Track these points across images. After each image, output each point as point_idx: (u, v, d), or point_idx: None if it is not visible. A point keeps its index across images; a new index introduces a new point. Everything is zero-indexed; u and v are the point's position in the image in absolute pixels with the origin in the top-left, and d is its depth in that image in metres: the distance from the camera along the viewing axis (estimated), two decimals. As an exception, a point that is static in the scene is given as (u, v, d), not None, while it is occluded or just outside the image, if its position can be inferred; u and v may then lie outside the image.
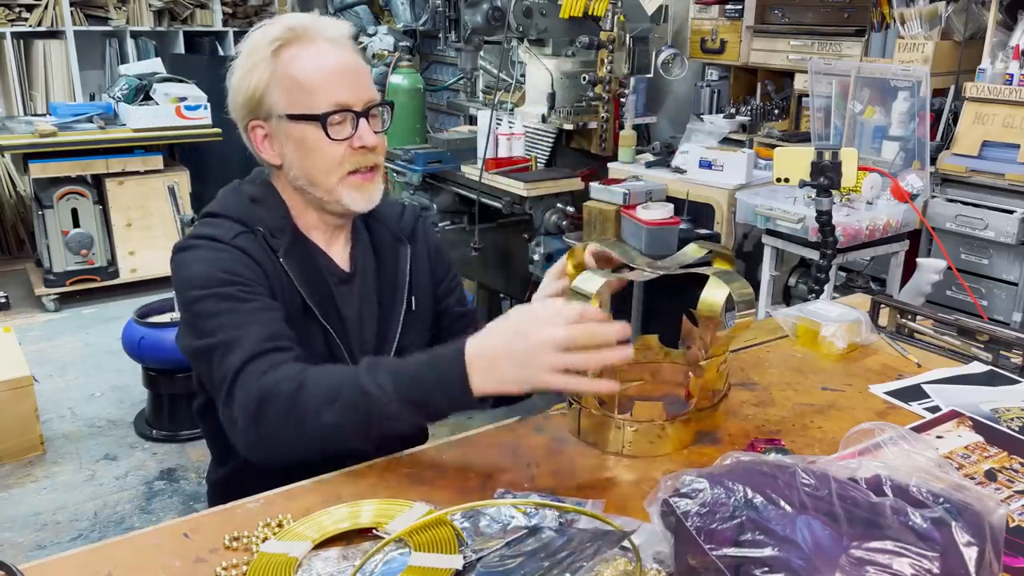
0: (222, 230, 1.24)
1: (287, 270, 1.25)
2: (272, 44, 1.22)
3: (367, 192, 1.28)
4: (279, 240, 1.26)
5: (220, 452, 1.40)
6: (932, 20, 2.95)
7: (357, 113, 1.23)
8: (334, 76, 1.22)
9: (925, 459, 0.88)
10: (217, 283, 1.17)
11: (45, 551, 2.45)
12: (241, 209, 1.28)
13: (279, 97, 1.22)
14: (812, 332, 1.48)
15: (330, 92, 1.21)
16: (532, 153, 3.32)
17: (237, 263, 1.20)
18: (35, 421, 2.96)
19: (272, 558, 0.90)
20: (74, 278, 4.32)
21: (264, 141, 1.27)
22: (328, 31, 1.25)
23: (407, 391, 1.03)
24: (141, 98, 4.38)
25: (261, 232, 1.25)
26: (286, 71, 1.22)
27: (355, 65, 1.26)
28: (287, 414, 1.06)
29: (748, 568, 0.73)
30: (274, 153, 1.27)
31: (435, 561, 0.87)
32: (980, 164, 2.71)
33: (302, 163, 1.25)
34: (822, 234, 2.21)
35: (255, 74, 1.23)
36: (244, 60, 1.25)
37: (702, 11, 3.78)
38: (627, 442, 1.12)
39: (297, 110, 1.22)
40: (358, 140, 1.24)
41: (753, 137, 3.52)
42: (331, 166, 1.24)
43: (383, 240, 1.39)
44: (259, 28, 1.27)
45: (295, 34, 1.23)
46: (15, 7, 4.77)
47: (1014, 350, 1.39)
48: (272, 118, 1.24)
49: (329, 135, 1.22)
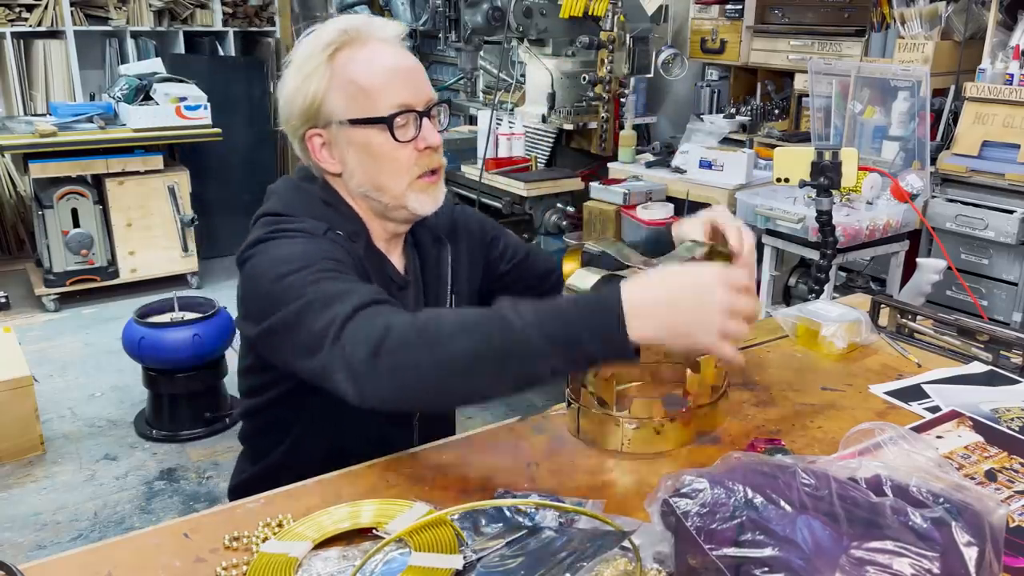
0: (308, 225, 1.18)
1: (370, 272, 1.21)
2: (327, 49, 1.18)
3: (433, 195, 1.24)
4: (357, 245, 1.22)
5: (257, 449, 1.38)
6: (932, 20, 2.95)
7: (420, 113, 1.20)
8: (395, 77, 1.19)
9: (925, 459, 0.88)
10: (319, 259, 1.10)
11: (45, 551, 2.44)
12: (314, 211, 1.22)
13: (339, 102, 1.18)
14: (812, 332, 1.48)
15: (392, 93, 1.18)
16: (532, 153, 3.33)
17: (336, 251, 1.15)
18: (35, 421, 2.96)
19: (272, 558, 0.90)
20: (74, 278, 4.31)
21: (323, 150, 1.22)
22: (381, 31, 1.22)
23: (552, 324, 0.92)
24: (141, 98, 4.37)
25: (342, 236, 1.21)
26: (345, 75, 1.18)
27: (413, 64, 1.23)
28: (417, 339, 0.94)
29: (748, 568, 0.73)
30: (334, 161, 1.23)
31: (435, 561, 0.87)
32: (980, 164, 2.71)
33: (367, 169, 1.21)
34: (822, 234, 2.21)
35: (312, 81, 1.18)
36: (298, 68, 1.20)
37: (702, 11, 3.78)
38: (626, 440, 1.12)
39: (359, 114, 1.18)
40: (423, 141, 1.20)
41: (753, 137, 3.52)
42: (400, 170, 1.20)
43: (425, 243, 1.35)
44: (310, 34, 1.23)
45: (349, 37, 1.19)
46: (15, 7, 4.77)
47: (1014, 350, 1.39)
48: (332, 125, 1.20)
49: (396, 137, 1.18)
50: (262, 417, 1.34)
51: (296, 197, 1.25)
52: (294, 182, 1.28)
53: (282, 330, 1.06)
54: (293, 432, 1.30)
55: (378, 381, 0.96)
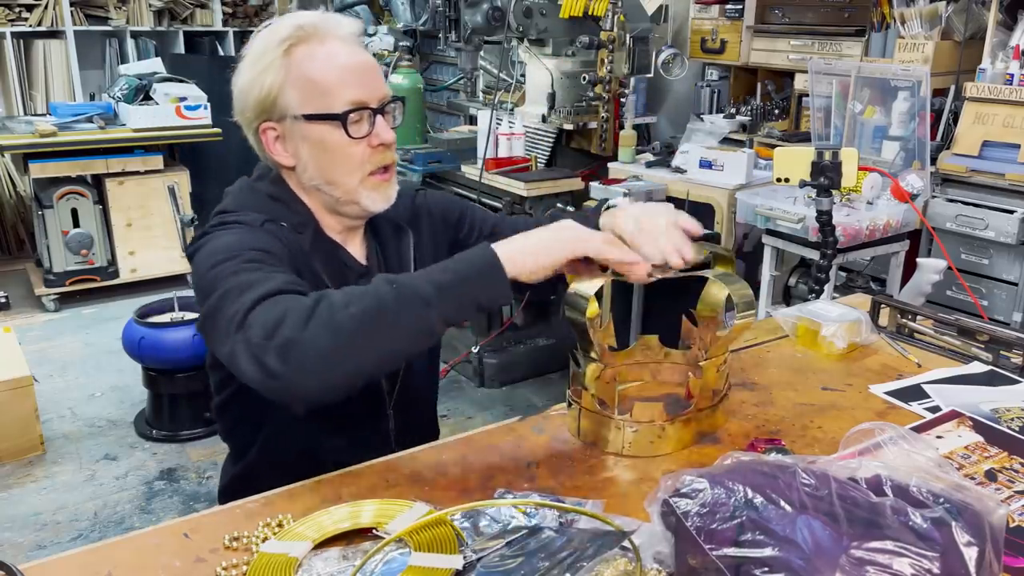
0: (247, 217, 1.21)
1: (316, 265, 1.23)
2: (283, 44, 1.20)
3: (384, 192, 1.27)
4: (304, 236, 1.25)
5: (238, 448, 1.41)
6: (932, 20, 2.95)
7: (374, 110, 1.22)
8: (350, 74, 1.20)
9: (925, 459, 0.88)
10: (246, 250, 1.12)
11: (45, 551, 2.44)
12: (261, 207, 1.25)
13: (294, 97, 1.20)
14: (812, 332, 1.48)
15: (347, 90, 1.20)
16: (532, 153, 3.33)
17: (268, 242, 1.17)
18: (35, 421, 2.96)
19: (272, 558, 0.90)
20: (74, 278, 4.31)
21: (276, 143, 1.24)
22: (339, 28, 1.23)
23: (438, 274, 1.01)
24: (141, 98, 4.38)
25: (286, 227, 1.23)
26: (300, 71, 1.19)
27: (369, 62, 1.24)
28: (311, 315, 0.96)
29: (748, 568, 0.73)
30: (287, 155, 1.25)
31: (435, 561, 0.87)
32: (980, 164, 2.71)
33: (320, 164, 1.23)
34: (822, 234, 2.20)
35: (268, 75, 1.20)
36: (253, 61, 1.22)
37: (702, 11, 3.78)
38: (627, 443, 1.12)
39: (314, 110, 1.20)
40: (376, 138, 1.22)
41: (753, 137, 3.52)
42: (352, 166, 1.23)
43: (384, 232, 1.38)
44: (266, 28, 1.24)
45: (305, 32, 1.20)
46: (15, 7, 4.77)
47: (1014, 350, 1.39)
48: (286, 119, 1.22)
49: (349, 134, 1.20)
50: (232, 412, 1.37)
51: (245, 195, 1.29)
52: (247, 182, 1.32)
53: (207, 320, 1.07)
54: (265, 428, 1.33)
55: (276, 361, 0.95)
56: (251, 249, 1.12)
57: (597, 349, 1.15)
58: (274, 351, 0.95)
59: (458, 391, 3.46)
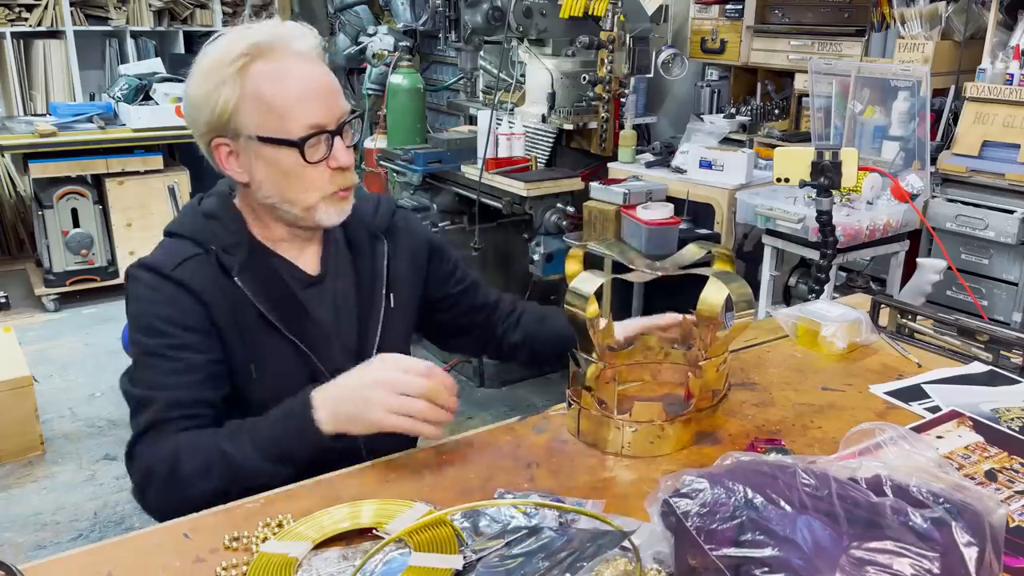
0: (167, 256, 1.22)
1: (243, 288, 1.22)
2: (238, 60, 1.15)
3: (341, 207, 1.26)
4: (233, 257, 1.23)
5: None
6: (932, 20, 2.95)
7: (331, 132, 1.19)
8: (306, 97, 1.16)
9: (925, 459, 0.88)
10: (148, 332, 1.19)
11: (45, 551, 2.44)
12: (195, 227, 1.25)
13: (249, 118, 1.16)
14: (812, 332, 1.48)
15: (304, 114, 1.16)
16: (532, 153, 3.32)
17: (172, 305, 1.19)
18: (35, 421, 2.96)
19: (272, 558, 0.90)
20: (74, 278, 4.32)
21: (229, 158, 1.22)
22: (295, 43, 1.18)
23: (268, 449, 1.10)
24: (141, 98, 4.38)
25: (214, 251, 1.22)
26: (256, 91, 1.15)
27: (326, 81, 1.20)
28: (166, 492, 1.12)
29: (748, 568, 0.73)
30: (241, 171, 1.22)
31: (435, 561, 0.87)
32: (980, 164, 2.71)
33: (276, 184, 1.20)
34: (822, 234, 2.20)
35: (221, 92, 1.16)
36: (206, 74, 1.17)
37: (702, 11, 3.78)
38: (626, 443, 1.12)
39: (270, 133, 1.17)
40: (334, 161, 1.20)
41: (753, 137, 3.52)
42: (309, 188, 1.20)
43: (359, 238, 1.35)
44: (219, 40, 1.19)
45: (260, 49, 1.16)
46: (15, 7, 4.77)
47: (1014, 350, 1.39)
48: (240, 137, 1.19)
49: (306, 159, 1.17)
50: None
51: (187, 214, 1.30)
52: (198, 196, 1.33)
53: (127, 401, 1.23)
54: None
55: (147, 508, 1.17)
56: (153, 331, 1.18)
57: (597, 349, 1.15)
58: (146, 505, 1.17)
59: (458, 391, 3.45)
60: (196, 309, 1.19)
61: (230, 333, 1.21)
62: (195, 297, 1.19)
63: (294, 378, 1.23)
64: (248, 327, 1.22)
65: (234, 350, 1.22)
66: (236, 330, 1.22)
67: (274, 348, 1.24)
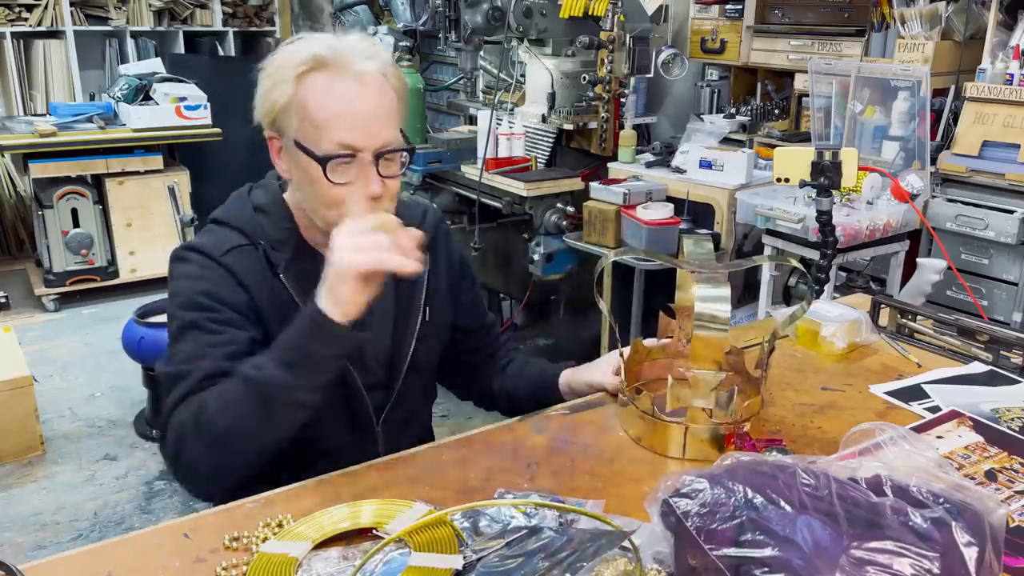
0: (217, 241, 1.24)
1: (287, 286, 1.23)
2: (300, 67, 1.16)
3: None
4: (280, 254, 1.24)
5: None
6: (932, 20, 2.95)
7: (364, 157, 1.16)
8: (345, 116, 1.15)
9: (925, 459, 0.88)
10: (190, 306, 1.19)
11: (45, 551, 2.44)
12: (244, 218, 1.27)
13: (292, 121, 1.18)
14: (812, 332, 1.48)
15: (337, 133, 1.14)
16: (532, 153, 3.32)
17: (219, 285, 1.20)
18: (35, 421, 2.95)
19: (272, 558, 0.90)
20: (74, 278, 4.31)
21: (279, 153, 1.24)
22: (359, 64, 1.17)
23: (283, 355, 1.08)
24: (141, 98, 4.37)
25: (262, 245, 1.24)
26: (303, 99, 1.16)
27: (374, 106, 1.17)
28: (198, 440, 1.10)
29: (748, 568, 0.73)
30: (285, 168, 1.25)
31: (435, 561, 0.87)
32: (980, 164, 2.71)
33: (305, 190, 1.22)
34: (822, 234, 2.20)
35: (277, 91, 1.18)
36: (271, 73, 1.20)
37: (702, 11, 3.78)
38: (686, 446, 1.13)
39: (304, 141, 1.17)
40: (361, 187, 1.17)
41: (753, 137, 3.52)
42: (331, 206, 1.18)
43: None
44: (293, 43, 1.21)
45: (323, 61, 1.16)
46: (15, 7, 4.77)
47: (1014, 350, 1.39)
48: (285, 137, 1.21)
49: (328, 177, 1.15)
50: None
51: (235, 203, 1.31)
52: (248, 186, 1.34)
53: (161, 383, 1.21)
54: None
55: (180, 477, 1.18)
56: (197, 306, 1.19)
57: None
58: (178, 471, 1.16)
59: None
60: (242, 294, 1.21)
61: (272, 327, 1.21)
62: (241, 285, 1.21)
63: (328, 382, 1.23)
64: (285, 322, 1.19)
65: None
66: (279, 326, 1.20)
67: None
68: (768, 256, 1.27)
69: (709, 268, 1.14)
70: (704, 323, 1.07)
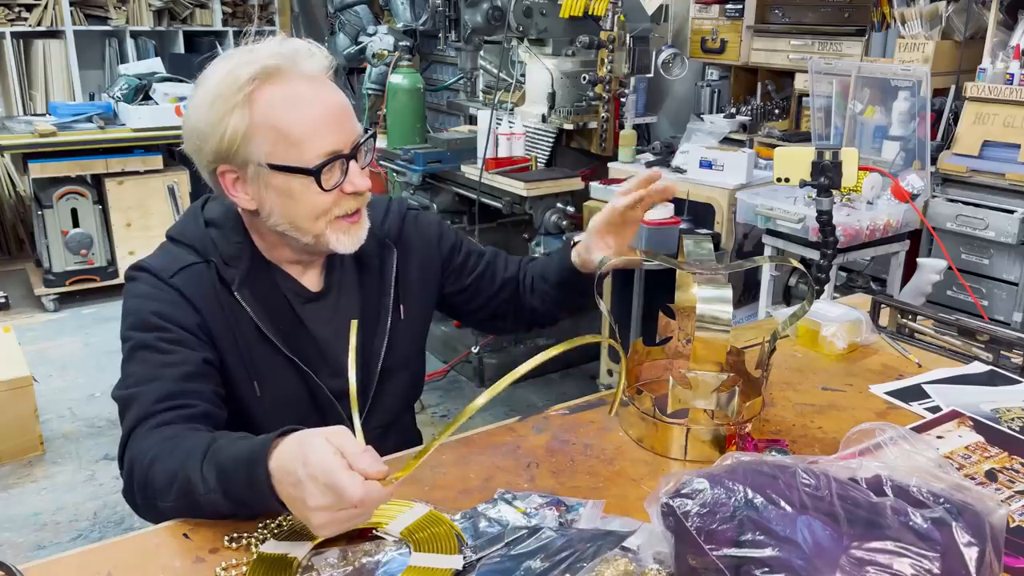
0: (166, 262, 1.20)
1: (242, 302, 1.19)
2: (246, 87, 1.10)
3: (354, 234, 1.21)
4: (234, 269, 1.20)
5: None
6: (932, 20, 2.95)
7: (346, 156, 1.15)
8: (321, 123, 1.12)
9: (925, 459, 0.88)
10: (141, 327, 1.15)
11: (45, 551, 2.44)
12: (196, 235, 1.22)
13: (261, 147, 1.12)
14: (812, 332, 1.48)
15: (319, 141, 1.12)
16: (532, 153, 3.32)
17: (170, 305, 1.16)
18: (35, 421, 2.95)
19: (272, 558, 0.90)
20: (74, 278, 4.31)
21: (236, 185, 1.17)
22: (303, 65, 1.14)
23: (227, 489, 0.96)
24: (141, 98, 4.37)
25: (214, 262, 1.20)
26: (267, 119, 1.11)
27: (339, 104, 1.15)
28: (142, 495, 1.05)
29: (748, 568, 0.73)
30: (248, 198, 1.17)
31: (435, 561, 0.87)
32: (980, 164, 2.71)
33: (286, 211, 1.16)
34: (822, 234, 2.20)
35: (230, 121, 1.10)
36: (211, 101, 1.12)
37: (702, 11, 3.78)
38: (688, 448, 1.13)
39: (283, 161, 1.12)
40: (350, 186, 1.16)
41: (753, 137, 3.52)
42: (319, 213, 1.16)
43: (367, 248, 1.26)
44: (223, 63, 1.14)
45: (267, 72, 1.11)
46: (15, 7, 4.77)
47: (1014, 350, 1.39)
48: (250, 165, 1.14)
49: (322, 186, 1.13)
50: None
51: (188, 219, 1.27)
52: (202, 199, 1.29)
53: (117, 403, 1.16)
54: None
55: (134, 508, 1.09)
56: (147, 326, 1.15)
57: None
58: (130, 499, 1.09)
59: (458, 391, 3.46)
60: (192, 315, 1.17)
61: (227, 346, 1.19)
62: (191, 306, 1.17)
63: (295, 394, 1.22)
64: (247, 342, 1.20)
65: (233, 365, 1.19)
66: (234, 344, 1.19)
67: (274, 364, 1.22)
68: (768, 256, 1.26)
69: (709, 268, 1.14)
70: (705, 324, 1.07)
